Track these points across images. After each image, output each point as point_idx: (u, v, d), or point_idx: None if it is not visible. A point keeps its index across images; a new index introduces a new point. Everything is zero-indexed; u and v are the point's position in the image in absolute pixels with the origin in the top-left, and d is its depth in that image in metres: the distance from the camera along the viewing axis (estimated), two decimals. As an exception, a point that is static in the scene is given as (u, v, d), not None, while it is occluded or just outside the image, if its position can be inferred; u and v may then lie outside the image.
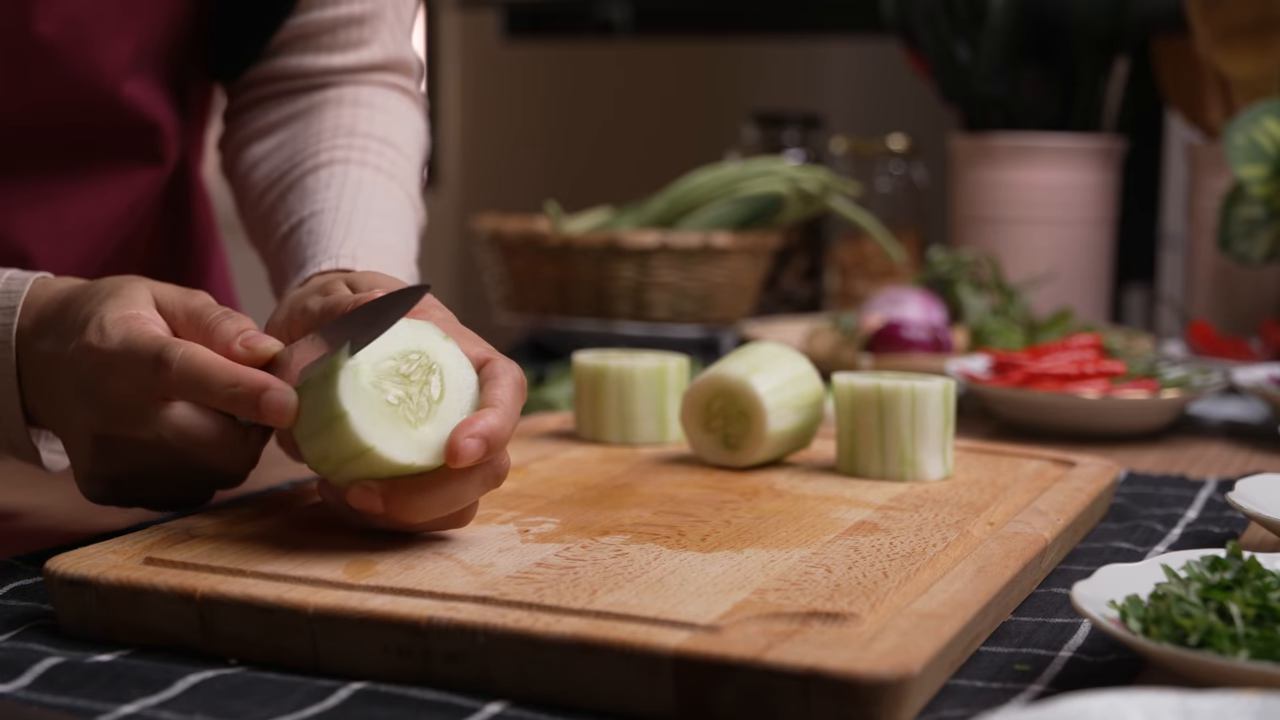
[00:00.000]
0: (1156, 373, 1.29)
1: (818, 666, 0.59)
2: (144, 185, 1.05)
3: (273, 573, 0.69)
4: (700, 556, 0.74)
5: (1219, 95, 1.69)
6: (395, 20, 1.07)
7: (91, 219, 1.03)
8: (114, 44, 0.96)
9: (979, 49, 1.77)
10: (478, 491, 0.74)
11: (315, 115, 1.03)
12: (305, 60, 1.05)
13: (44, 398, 0.79)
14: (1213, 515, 0.97)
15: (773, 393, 0.95)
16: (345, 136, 1.01)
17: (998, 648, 0.71)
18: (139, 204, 1.06)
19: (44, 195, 1.00)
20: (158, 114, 1.02)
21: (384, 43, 1.07)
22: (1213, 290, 1.65)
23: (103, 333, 0.74)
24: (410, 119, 1.07)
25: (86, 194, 1.02)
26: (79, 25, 0.94)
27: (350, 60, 1.05)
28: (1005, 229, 1.78)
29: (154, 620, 0.68)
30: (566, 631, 0.62)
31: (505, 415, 0.74)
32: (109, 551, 0.72)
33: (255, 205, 1.02)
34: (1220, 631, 0.62)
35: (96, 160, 1.02)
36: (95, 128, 1.00)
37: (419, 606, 0.65)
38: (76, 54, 0.94)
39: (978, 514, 0.84)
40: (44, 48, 0.93)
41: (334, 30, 1.05)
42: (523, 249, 1.67)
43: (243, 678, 0.65)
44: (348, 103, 1.04)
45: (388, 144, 1.02)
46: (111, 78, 0.97)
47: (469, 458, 0.71)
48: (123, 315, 0.75)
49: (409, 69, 1.09)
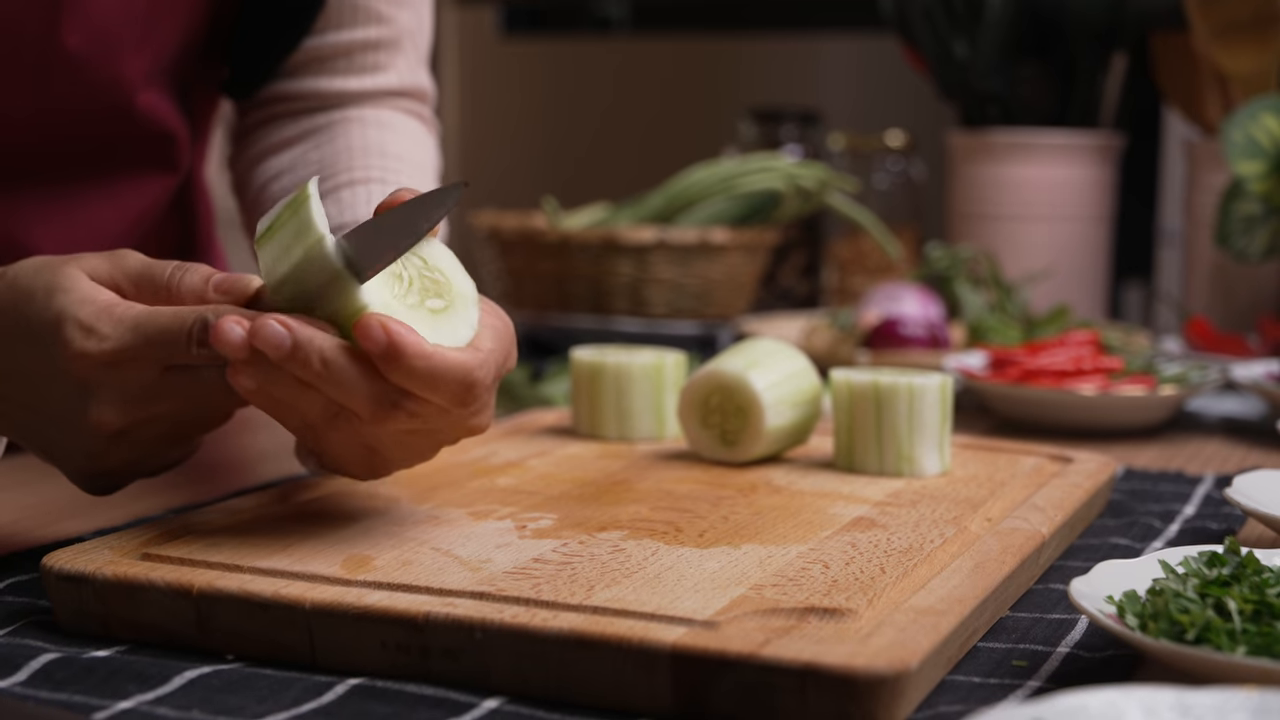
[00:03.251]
0: (1154, 369, 1.29)
1: (815, 662, 0.59)
2: (157, 192, 1.05)
3: (269, 568, 0.69)
4: (697, 552, 0.74)
5: (1217, 91, 1.69)
6: (412, 48, 1.08)
7: (105, 225, 1.03)
8: (135, 56, 0.97)
9: (977, 45, 1.77)
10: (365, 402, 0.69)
11: (341, 131, 1.03)
12: (320, 83, 1.05)
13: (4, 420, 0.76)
14: (1210, 511, 0.97)
15: (770, 389, 0.95)
16: (378, 157, 1.00)
17: (995, 643, 0.70)
18: (151, 210, 1.06)
19: (59, 202, 1.00)
20: (172, 123, 1.02)
21: (399, 70, 1.07)
22: (1210, 286, 1.65)
23: (94, 334, 0.71)
24: (426, 143, 1.08)
25: (101, 201, 1.02)
26: (104, 38, 0.94)
27: (366, 85, 1.05)
28: (1003, 225, 1.78)
29: (151, 615, 0.68)
30: (564, 627, 0.62)
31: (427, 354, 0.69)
32: (106, 547, 0.72)
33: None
34: (1218, 627, 0.62)
35: (113, 168, 1.02)
36: (113, 136, 1.00)
37: (416, 602, 0.65)
38: (100, 66, 0.95)
39: (975, 510, 0.84)
40: (70, 58, 0.93)
41: (350, 54, 1.05)
42: (520, 245, 1.67)
43: (239, 673, 0.65)
44: (371, 123, 1.04)
45: (414, 165, 1.02)
46: (130, 89, 0.97)
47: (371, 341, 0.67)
48: (98, 308, 0.71)
49: (424, 97, 1.10)
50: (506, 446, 0.99)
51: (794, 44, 2.83)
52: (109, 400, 0.72)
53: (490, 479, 0.89)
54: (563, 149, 3.02)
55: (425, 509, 0.81)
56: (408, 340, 0.68)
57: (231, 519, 0.78)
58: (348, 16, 1.04)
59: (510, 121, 3.08)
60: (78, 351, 0.71)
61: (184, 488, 0.96)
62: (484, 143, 3.10)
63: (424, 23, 1.09)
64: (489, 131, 3.10)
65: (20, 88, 0.93)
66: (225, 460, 1.03)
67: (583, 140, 2.99)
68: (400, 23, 1.06)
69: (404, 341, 0.68)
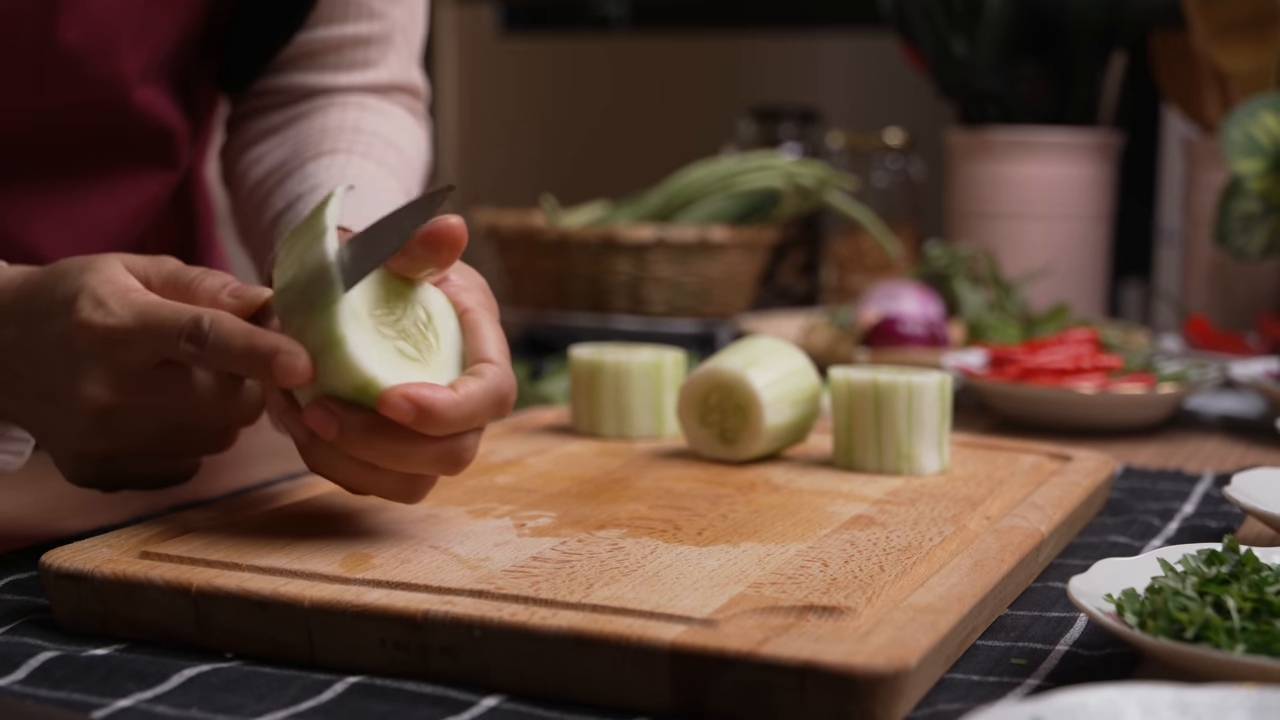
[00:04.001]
0: (1153, 367, 1.29)
1: (814, 660, 0.59)
2: (156, 189, 1.06)
3: (268, 566, 0.69)
4: (696, 550, 0.74)
5: (1216, 90, 1.69)
6: (404, 44, 1.07)
7: (104, 222, 1.03)
8: (133, 52, 0.97)
9: (976, 44, 1.77)
10: (429, 464, 0.72)
11: (319, 114, 1.03)
12: (310, 78, 1.05)
13: (6, 390, 0.77)
14: (1209, 509, 0.97)
15: (769, 387, 0.95)
16: (350, 133, 1.01)
17: (994, 642, 0.71)
18: (150, 207, 1.06)
19: (58, 198, 1.00)
20: (170, 120, 1.02)
21: (391, 66, 1.07)
22: (1210, 285, 1.65)
23: (103, 308, 0.73)
24: (415, 133, 1.07)
25: (100, 197, 1.02)
26: (102, 34, 0.94)
27: (356, 80, 1.05)
28: (1002, 224, 1.78)
29: (150, 614, 0.68)
30: (562, 625, 0.62)
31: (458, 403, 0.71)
32: (104, 545, 0.72)
33: (250, 195, 1.02)
34: (1217, 625, 0.62)
35: (111, 165, 1.02)
36: (111, 133, 1.00)
37: (415, 600, 0.65)
38: (98, 61, 0.95)
39: (974, 508, 0.84)
40: (67, 55, 0.93)
41: (340, 49, 1.04)
42: (519, 243, 1.67)
43: (238, 671, 0.65)
44: (353, 106, 1.04)
45: (392, 146, 1.02)
46: (128, 85, 0.97)
47: (395, 412, 0.69)
48: (117, 289, 0.74)
49: (416, 92, 1.10)
50: (505, 445, 0.99)
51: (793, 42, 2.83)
52: (100, 377, 0.73)
53: (489, 477, 0.89)
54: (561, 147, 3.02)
55: (423, 507, 0.81)
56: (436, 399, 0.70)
57: (230, 517, 0.78)
58: (339, 11, 1.04)
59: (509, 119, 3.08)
60: (84, 320, 0.73)
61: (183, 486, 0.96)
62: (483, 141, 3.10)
63: (417, 18, 1.09)
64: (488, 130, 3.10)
65: (17, 84, 0.93)
66: (225, 459, 1.03)
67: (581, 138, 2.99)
68: (393, 18, 1.06)
69: (432, 401, 0.70)
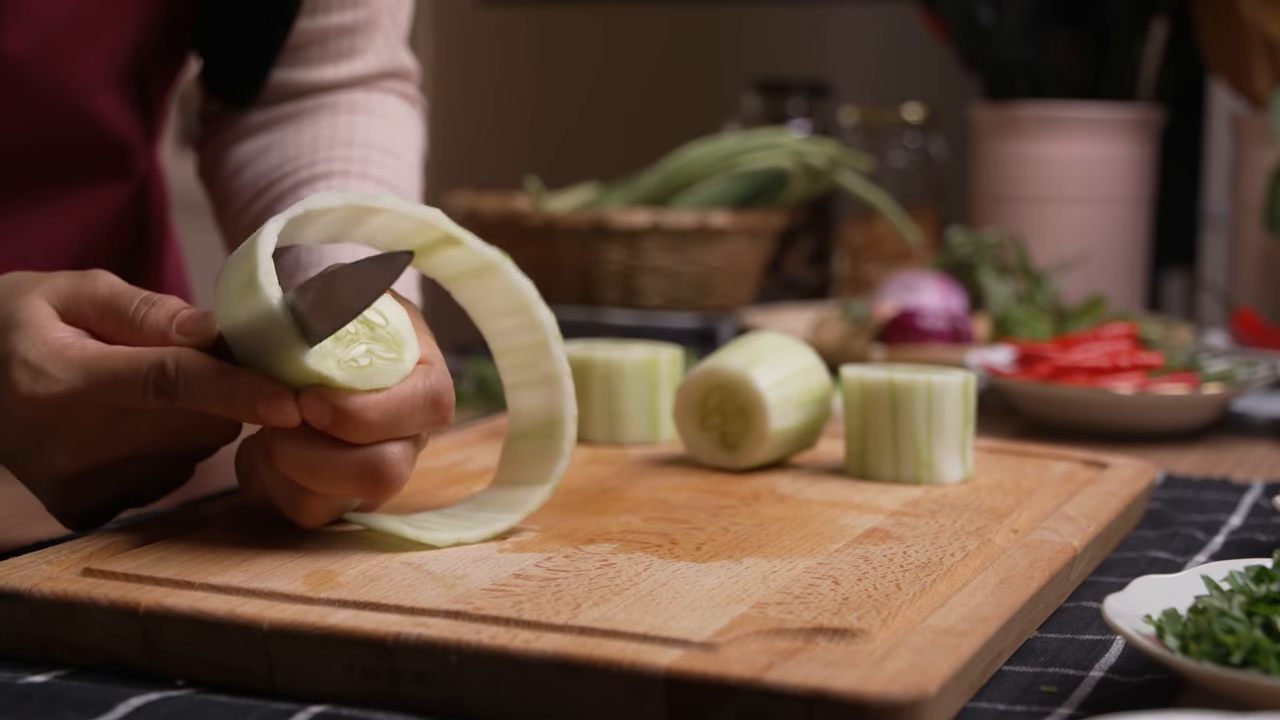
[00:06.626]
0: (1197, 365, 1.30)
1: (823, 687, 0.59)
2: (108, 202, 1.07)
3: (224, 585, 0.69)
4: (695, 567, 0.74)
5: (1266, 60, 1.69)
6: (390, 26, 1.08)
7: (55, 237, 1.04)
8: (84, 60, 0.97)
9: (1003, 10, 1.77)
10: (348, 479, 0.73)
11: (309, 120, 1.04)
12: (296, 73, 1.06)
13: None
14: (1258, 522, 0.97)
15: (775, 387, 0.95)
16: (344, 147, 1.02)
17: (1022, 667, 0.71)
18: (104, 218, 1.07)
19: (5, 214, 1.01)
20: (126, 130, 1.03)
21: (378, 51, 1.08)
22: (1259, 275, 1.65)
23: (44, 376, 0.73)
24: (409, 124, 1.09)
25: (51, 213, 1.03)
26: (50, 43, 0.95)
27: (343, 73, 1.06)
28: (1032, 208, 1.79)
29: (93, 638, 0.68)
30: (547, 649, 0.63)
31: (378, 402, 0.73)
32: (43, 562, 0.72)
33: (242, 213, 1.03)
34: (1266, 649, 0.62)
35: (63, 179, 1.03)
36: (62, 146, 1.01)
37: (385, 622, 0.65)
38: (46, 72, 0.96)
39: (1000, 520, 0.84)
40: (12, 66, 0.94)
41: (324, 41, 1.05)
42: (501, 229, 1.67)
43: (191, 700, 0.65)
44: (343, 109, 1.05)
45: (388, 153, 1.03)
46: (80, 94, 0.98)
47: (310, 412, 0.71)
48: (51, 349, 0.74)
49: (406, 75, 1.11)
50: (483, 451, 0.99)
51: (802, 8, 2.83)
52: (62, 446, 0.74)
53: (465, 486, 0.89)
54: (548, 124, 3.02)
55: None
56: (353, 398, 0.72)
57: (182, 531, 0.78)
58: (321, 1, 1.04)
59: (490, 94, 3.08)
60: (26, 394, 0.73)
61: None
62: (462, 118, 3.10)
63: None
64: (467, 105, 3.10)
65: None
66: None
67: (570, 114, 2.99)
68: (377, 2, 1.06)
69: (348, 400, 0.72)
